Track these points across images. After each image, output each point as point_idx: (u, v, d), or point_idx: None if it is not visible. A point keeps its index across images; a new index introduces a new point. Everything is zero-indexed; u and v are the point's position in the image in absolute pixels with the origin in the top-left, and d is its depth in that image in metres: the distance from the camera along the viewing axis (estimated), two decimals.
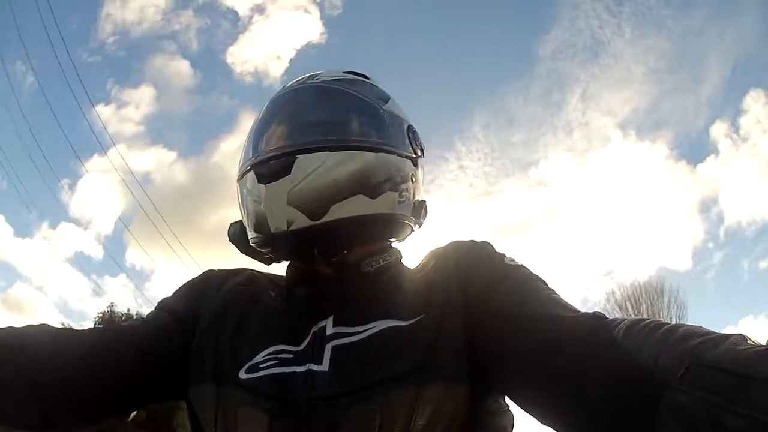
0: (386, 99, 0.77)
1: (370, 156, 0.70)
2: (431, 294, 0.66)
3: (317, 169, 0.67)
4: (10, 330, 0.70)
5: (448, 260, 0.70)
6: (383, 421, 0.59)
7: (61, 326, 0.74)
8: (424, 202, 0.78)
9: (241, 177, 0.73)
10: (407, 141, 0.76)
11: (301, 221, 0.67)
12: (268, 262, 0.78)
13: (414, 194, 0.76)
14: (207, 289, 0.77)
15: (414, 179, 0.76)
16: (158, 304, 0.78)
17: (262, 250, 0.75)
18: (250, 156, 0.72)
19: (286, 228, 0.67)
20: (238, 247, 0.77)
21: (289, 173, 0.67)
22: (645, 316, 0.54)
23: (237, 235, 0.77)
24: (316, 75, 0.78)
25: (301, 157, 0.67)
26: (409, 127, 0.77)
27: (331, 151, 0.68)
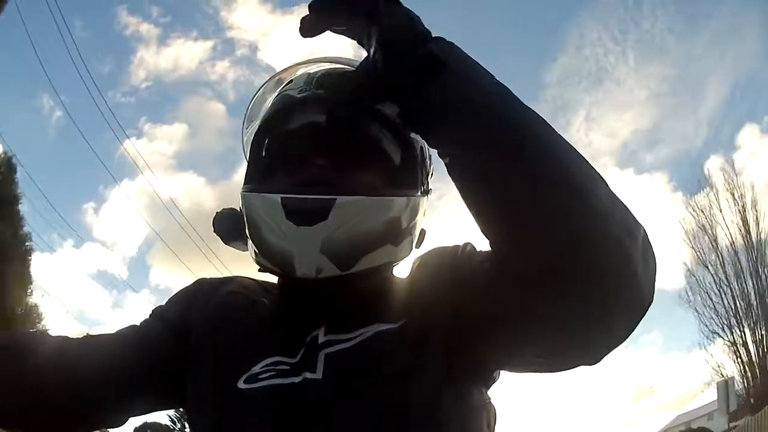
0: None
1: (401, 202, 0.67)
2: (416, 297, 0.68)
3: (355, 216, 0.62)
4: (12, 336, 0.72)
5: (432, 266, 0.71)
6: (378, 421, 0.60)
7: (57, 335, 0.76)
8: (424, 231, 0.77)
9: (255, 191, 0.67)
10: (424, 173, 0.73)
11: (330, 270, 0.63)
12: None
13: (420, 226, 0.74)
14: (198, 298, 0.77)
15: (424, 213, 0.74)
16: (152, 312, 0.79)
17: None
18: (267, 173, 0.68)
19: (314, 275, 0.63)
20: (223, 240, 0.75)
21: (326, 218, 0.61)
22: None
23: (225, 228, 0.74)
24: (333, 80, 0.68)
25: (340, 201, 0.61)
26: (422, 148, 0.72)
27: (369, 195, 0.64)
